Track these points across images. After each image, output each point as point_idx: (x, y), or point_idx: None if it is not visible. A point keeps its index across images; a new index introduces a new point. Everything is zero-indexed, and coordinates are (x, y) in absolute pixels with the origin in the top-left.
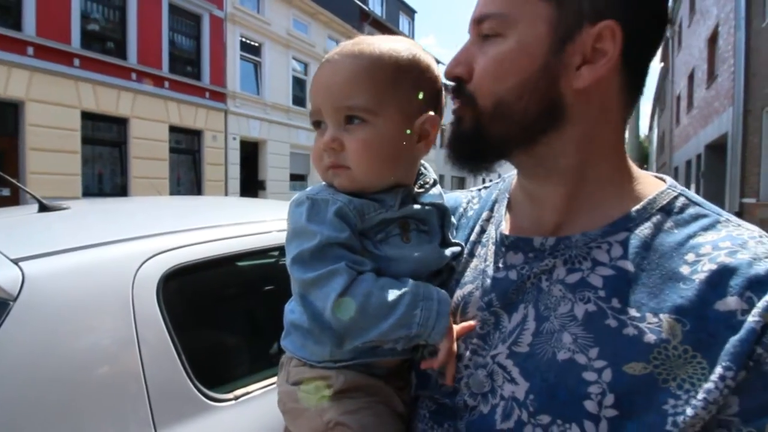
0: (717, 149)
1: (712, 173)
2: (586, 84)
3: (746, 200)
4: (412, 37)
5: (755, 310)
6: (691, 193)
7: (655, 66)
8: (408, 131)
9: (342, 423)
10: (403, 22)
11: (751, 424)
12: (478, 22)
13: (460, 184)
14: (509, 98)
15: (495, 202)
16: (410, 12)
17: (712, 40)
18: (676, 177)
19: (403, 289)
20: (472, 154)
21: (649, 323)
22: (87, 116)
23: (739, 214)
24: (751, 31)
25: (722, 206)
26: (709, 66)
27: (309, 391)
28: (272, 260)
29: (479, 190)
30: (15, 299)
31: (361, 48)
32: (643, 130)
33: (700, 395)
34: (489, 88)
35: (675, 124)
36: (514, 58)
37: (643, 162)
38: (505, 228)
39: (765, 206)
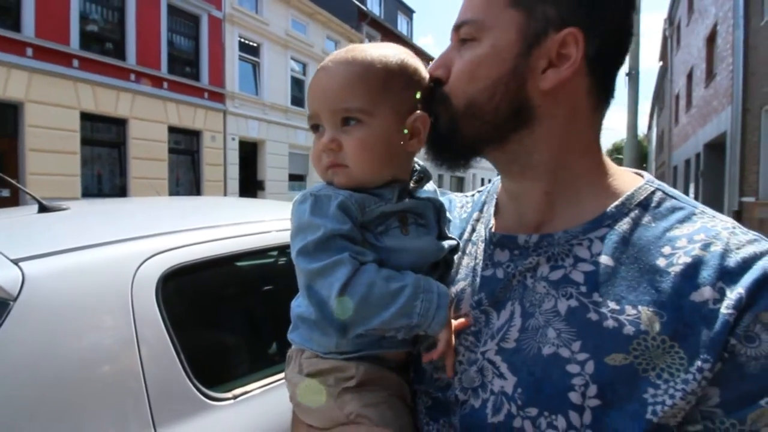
0: (716, 148)
1: (711, 172)
2: (551, 85)
3: (745, 199)
4: (411, 37)
5: (728, 302)
6: (668, 187)
7: (654, 65)
8: (401, 129)
9: (364, 415)
10: (402, 21)
11: (733, 416)
12: (457, 28)
13: (460, 183)
14: (481, 99)
15: (484, 203)
16: (408, 12)
17: (711, 39)
18: (675, 176)
19: (405, 281)
20: (449, 151)
21: (628, 315)
22: (86, 117)
23: (739, 213)
24: (749, 30)
25: (722, 205)
26: (707, 65)
27: (328, 382)
28: (271, 260)
29: (472, 195)
30: (15, 299)
31: (353, 55)
32: (642, 129)
33: (679, 385)
34: (463, 89)
35: (674, 123)
36: (487, 60)
37: (642, 161)
38: (493, 227)
39: (764, 205)
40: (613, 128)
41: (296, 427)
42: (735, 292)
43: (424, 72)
